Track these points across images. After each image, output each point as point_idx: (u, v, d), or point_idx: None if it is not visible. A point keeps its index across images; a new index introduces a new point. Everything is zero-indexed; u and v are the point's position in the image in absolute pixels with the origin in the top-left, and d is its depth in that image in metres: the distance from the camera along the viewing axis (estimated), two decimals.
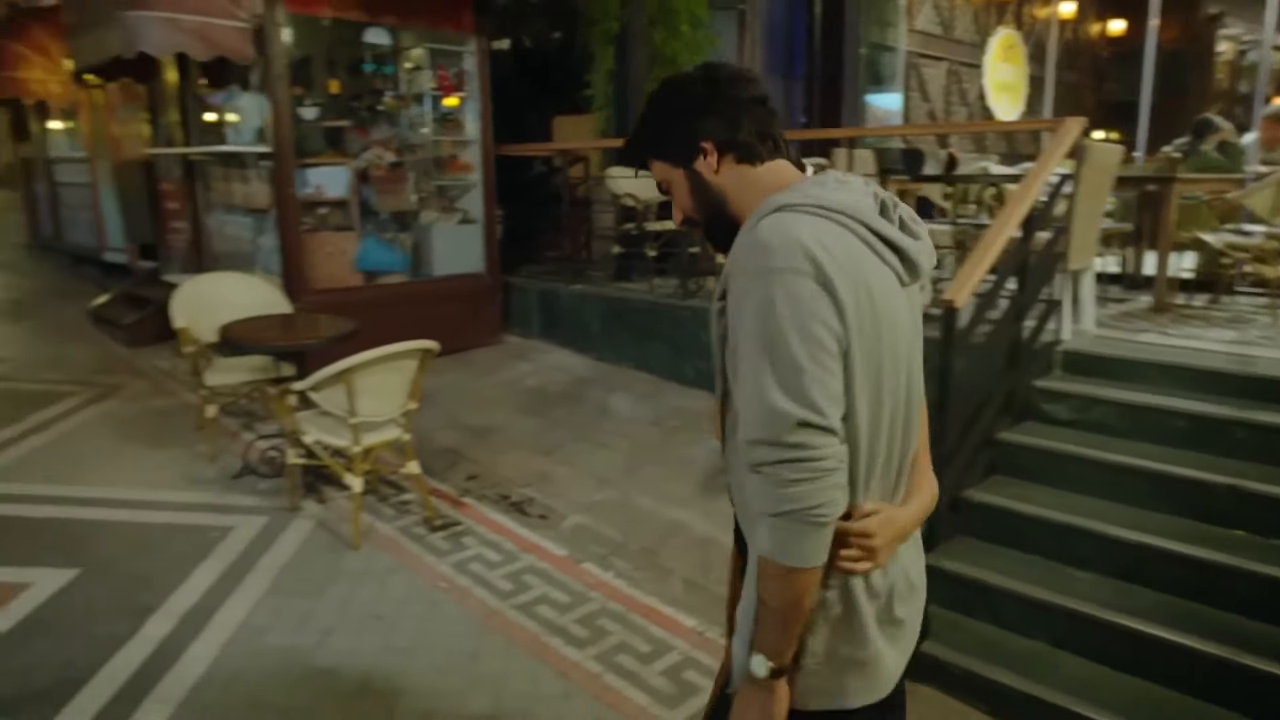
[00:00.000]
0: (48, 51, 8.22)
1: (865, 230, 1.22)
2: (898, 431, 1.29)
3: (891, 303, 1.24)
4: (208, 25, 4.99)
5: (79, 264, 10.23)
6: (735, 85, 1.34)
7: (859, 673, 1.30)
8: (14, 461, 4.55)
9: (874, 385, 1.23)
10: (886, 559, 1.29)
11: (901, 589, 1.33)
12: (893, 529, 1.29)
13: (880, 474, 1.28)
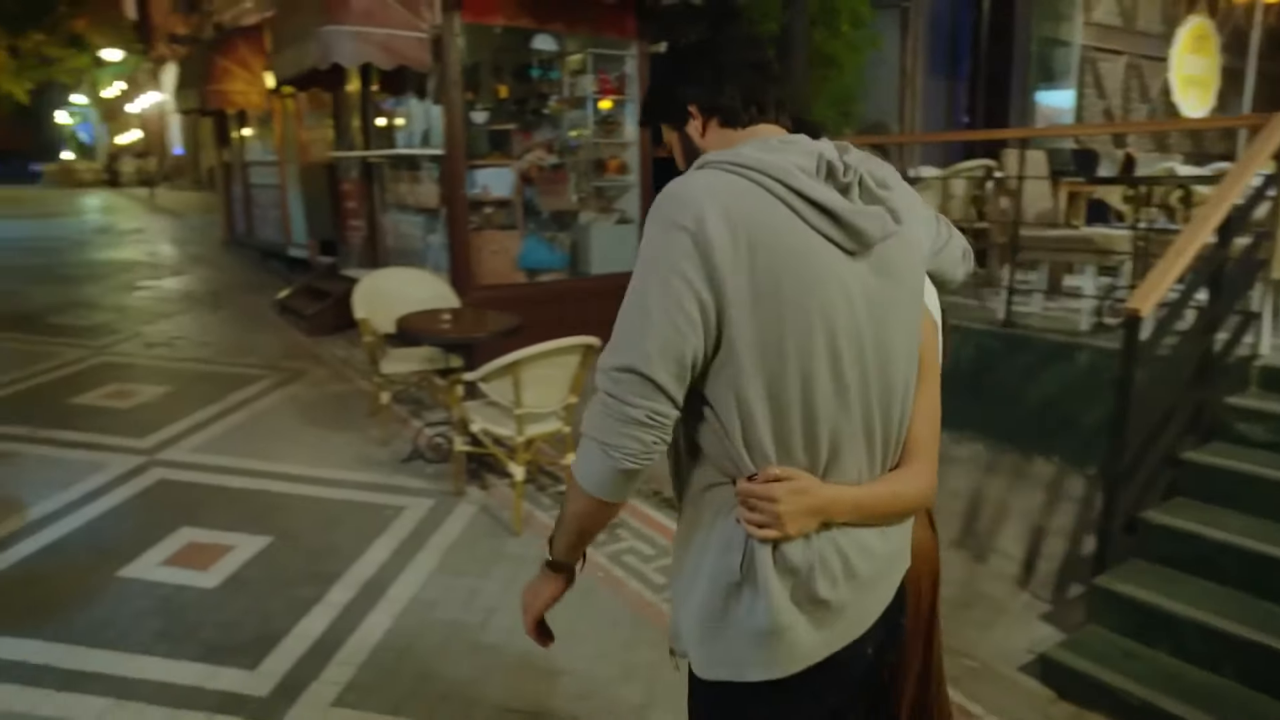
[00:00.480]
0: (249, 65, 8.98)
1: (784, 189, 1.17)
2: (831, 405, 1.21)
3: (814, 265, 1.17)
4: (392, 37, 5.33)
5: (267, 259, 11.13)
6: (722, 51, 1.32)
7: (759, 644, 1.24)
8: (216, 436, 5.01)
9: (775, 348, 1.18)
10: (798, 530, 1.22)
11: (834, 570, 1.25)
12: (805, 500, 1.21)
13: (802, 443, 1.22)
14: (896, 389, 1.28)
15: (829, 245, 1.18)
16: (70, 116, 39.64)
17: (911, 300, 1.29)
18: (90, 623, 3.12)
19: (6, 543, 3.71)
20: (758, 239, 1.15)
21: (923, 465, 1.34)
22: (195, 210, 18.73)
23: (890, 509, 1.31)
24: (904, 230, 1.25)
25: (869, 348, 1.23)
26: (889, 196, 1.23)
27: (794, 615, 1.24)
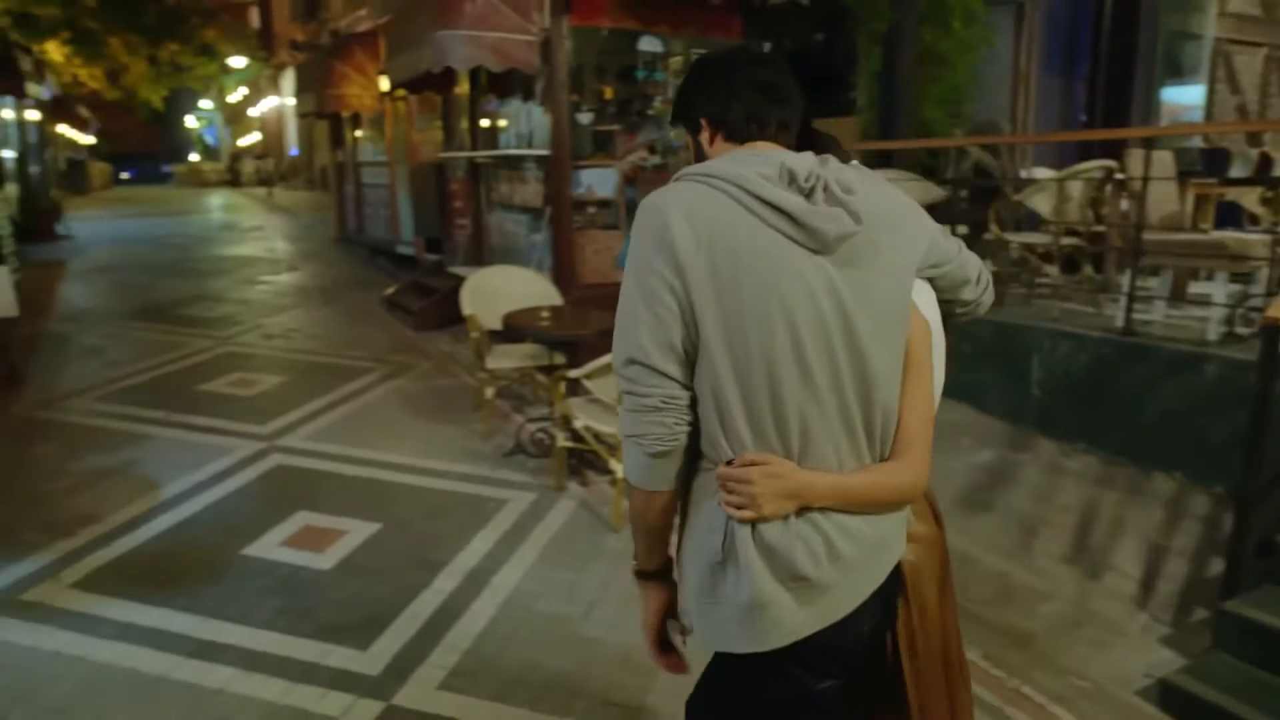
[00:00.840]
0: (364, 70, 9.35)
1: (744, 194, 1.28)
2: (798, 392, 1.29)
3: (773, 260, 1.28)
4: (504, 40, 5.47)
5: (375, 255, 11.55)
6: (735, 71, 1.43)
7: (746, 614, 1.32)
8: (329, 425, 5.24)
9: (732, 337, 1.28)
10: (773, 512, 1.29)
11: (817, 550, 1.32)
12: (779, 484, 1.29)
13: (774, 429, 1.30)
14: (877, 382, 1.34)
15: (790, 243, 1.29)
16: (197, 121, 42.02)
17: (890, 298, 1.36)
18: (218, 597, 3.31)
19: (146, 518, 3.97)
20: (717, 238, 1.27)
21: (912, 458, 1.39)
22: (308, 209, 19.57)
23: (872, 496, 1.37)
24: (871, 232, 1.31)
25: (837, 339, 1.31)
26: (850, 200, 1.30)
27: (776, 591, 1.31)
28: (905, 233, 1.42)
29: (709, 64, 1.48)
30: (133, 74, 22.44)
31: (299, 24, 26.01)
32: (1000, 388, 5.12)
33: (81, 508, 4.06)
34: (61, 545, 3.70)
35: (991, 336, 5.23)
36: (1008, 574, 3.55)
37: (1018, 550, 3.72)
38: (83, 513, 4.01)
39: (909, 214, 1.44)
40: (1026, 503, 4.13)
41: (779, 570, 1.31)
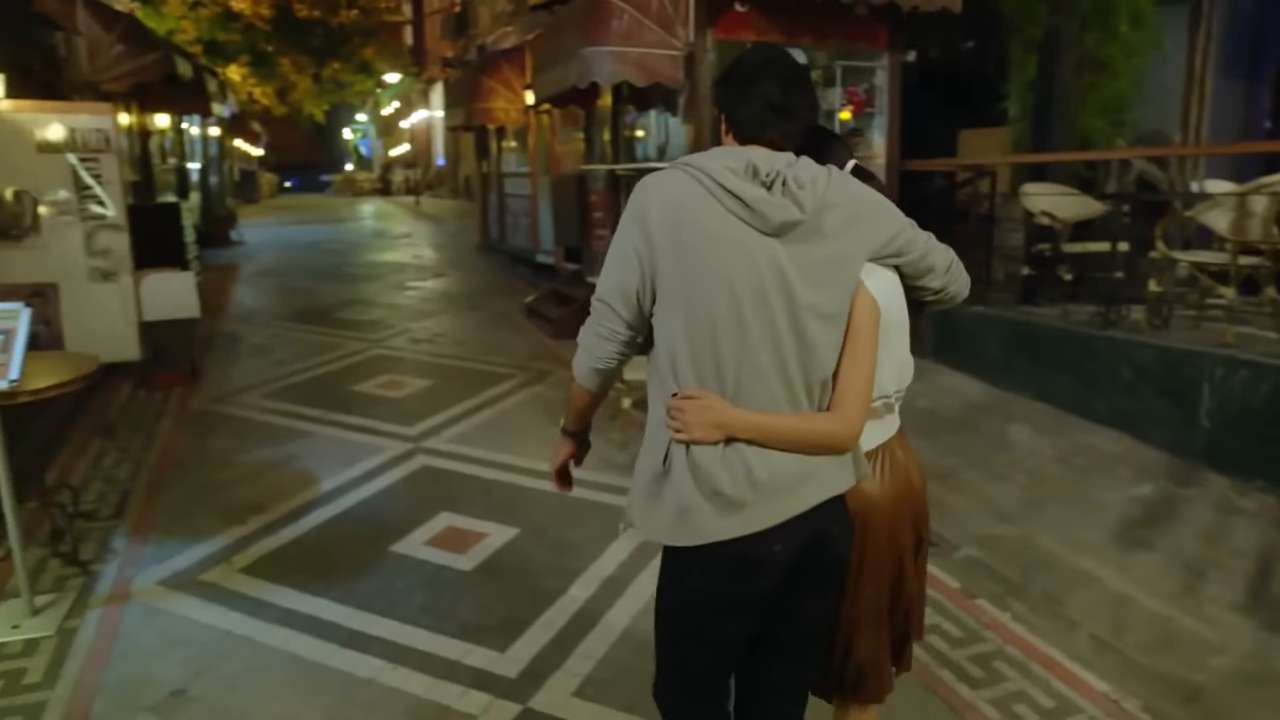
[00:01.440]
0: (511, 84, 9.69)
1: (711, 182, 1.58)
2: (734, 344, 1.58)
3: (724, 236, 1.57)
4: (648, 55, 5.55)
5: (516, 264, 11.93)
6: (754, 84, 1.65)
7: (675, 516, 1.64)
8: (471, 429, 5.44)
9: (686, 294, 1.60)
10: (703, 437, 1.59)
11: (736, 473, 1.60)
12: (709, 415, 1.58)
13: (713, 374, 1.60)
14: (814, 344, 1.62)
15: (744, 225, 1.57)
16: (353, 133, 44.68)
17: (833, 276, 1.63)
18: (369, 590, 3.49)
19: (306, 510, 4.24)
20: (684, 217, 1.59)
21: (843, 411, 1.66)
22: (453, 216, 20.43)
23: (795, 437, 1.64)
24: (819, 220, 1.58)
25: (778, 306, 1.59)
26: (801, 194, 1.57)
27: (699, 500, 1.61)
28: (859, 224, 1.66)
29: (741, 71, 1.71)
30: (299, 91, 24.10)
31: (449, 41, 27.24)
32: (1163, 416, 4.79)
33: (250, 497, 4.37)
34: (233, 531, 4.00)
35: (1154, 361, 4.90)
36: (1171, 620, 3.31)
37: (1182, 594, 3.46)
38: (252, 501, 4.32)
39: (867, 210, 1.69)
40: (1193, 543, 3.84)
41: (702, 485, 1.61)
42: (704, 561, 1.65)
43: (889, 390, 1.91)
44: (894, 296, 1.80)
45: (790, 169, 1.60)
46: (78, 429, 5.32)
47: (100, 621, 3.28)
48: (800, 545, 1.68)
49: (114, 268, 5.95)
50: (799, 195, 1.56)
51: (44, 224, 5.77)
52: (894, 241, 1.73)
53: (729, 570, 1.66)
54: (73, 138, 5.74)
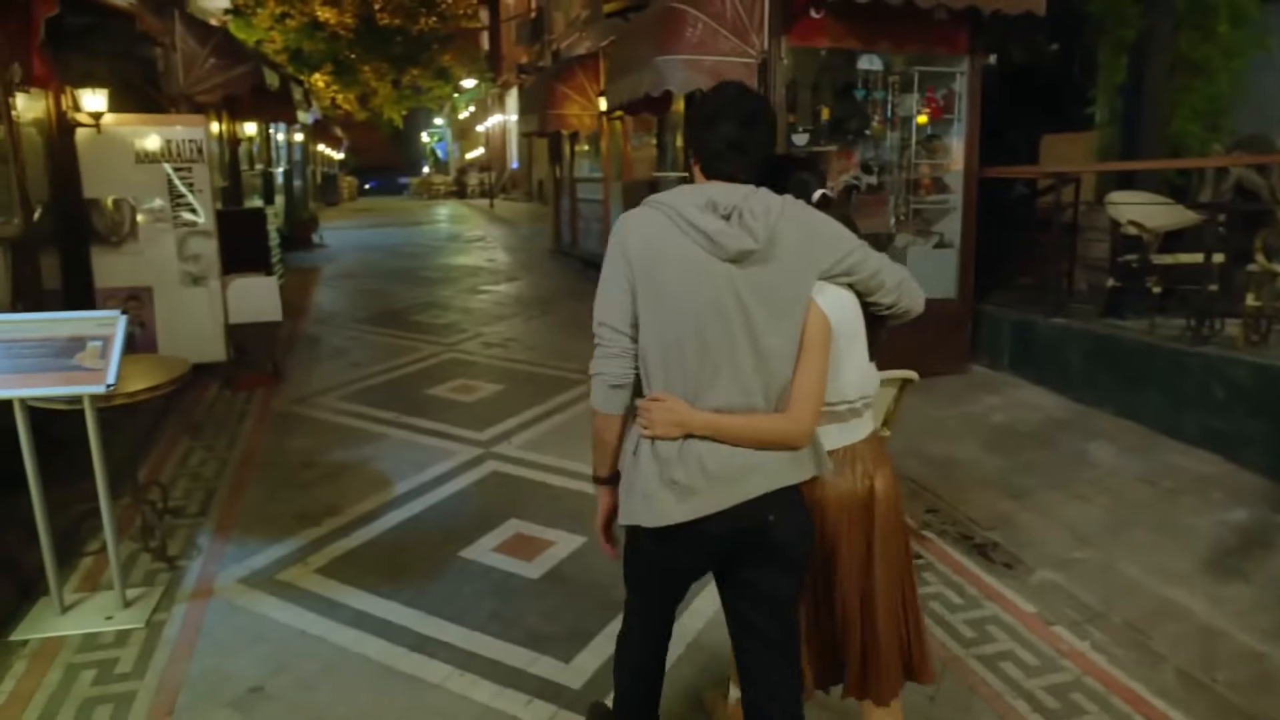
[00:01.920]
0: (584, 90, 9.77)
1: (677, 216, 1.86)
2: (694, 357, 1.86)
3: (688, 262, 1.84)
4: (721, 63, 5.53)
5: (587, 268, 12.01)
6: (717, 124, 1.92)
7: (640, 501, 1.92)
8: (541, 435, 5.49)
9: (657, 312, 1.88)
10: (664, 434, 1.87)
11: (690, 464, 1.87)
12: (671, 415, 1.86)
13: (678, 378, 1.88)
14: (768, 355, 1.88)
15: (705, 253, 1.84)
16: (430, 136, 45.66)
17: (785, 295, 1.88)
18: (438, 594, 3.55)
19: (379, 513, 4.34)
20: (654, 246, 1.88)
21: (794, 413, 1.91)
22: (526, 219, 20.70)
23: (748, 434, 1.89)
24: (772, 248, 1.84)
25: (735, 323, 1.85)
26: (755, 225, 1.82)
27: (659, 488, 1.89)
28: (809, 249, 1.91)
29: (704, 112, 1.97)
30: (379, 96, 24.71)
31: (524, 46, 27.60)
32: (1260, 438, 4.57)
33: (327, 498, 4.50)
34: (310, 532, 4.12)
35: (1251, 380, 4.68)
36: (1267, 657, 3.14)
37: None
38: (328, 503, 4.44)
39: (816, 236, 1.94)
40: None
41: (663, 474, 1.89)
42: (660, 537, 1.95)
43: (850, 396, 2.14)
44: (846, 310, 2.05)
45: (746, 201, 1.86)
46: (168, 428, 5.55)
47: (185, 616, 3.41)
48: (740, 528, 1.94)
49: (203, 272, 6.21)
50: (753, 226, 1.82)
51: (141, 230, 6.05)
52: (843, 263, 1.97)
53: (675, 544, 1.97)
54: (168, 148, 6.01)
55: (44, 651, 3.19)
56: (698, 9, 5.53)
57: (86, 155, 5.84)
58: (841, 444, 2.15)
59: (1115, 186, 6.43)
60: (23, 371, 3.13)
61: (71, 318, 3.30)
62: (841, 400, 2.12)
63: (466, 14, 26.72)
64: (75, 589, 3.64)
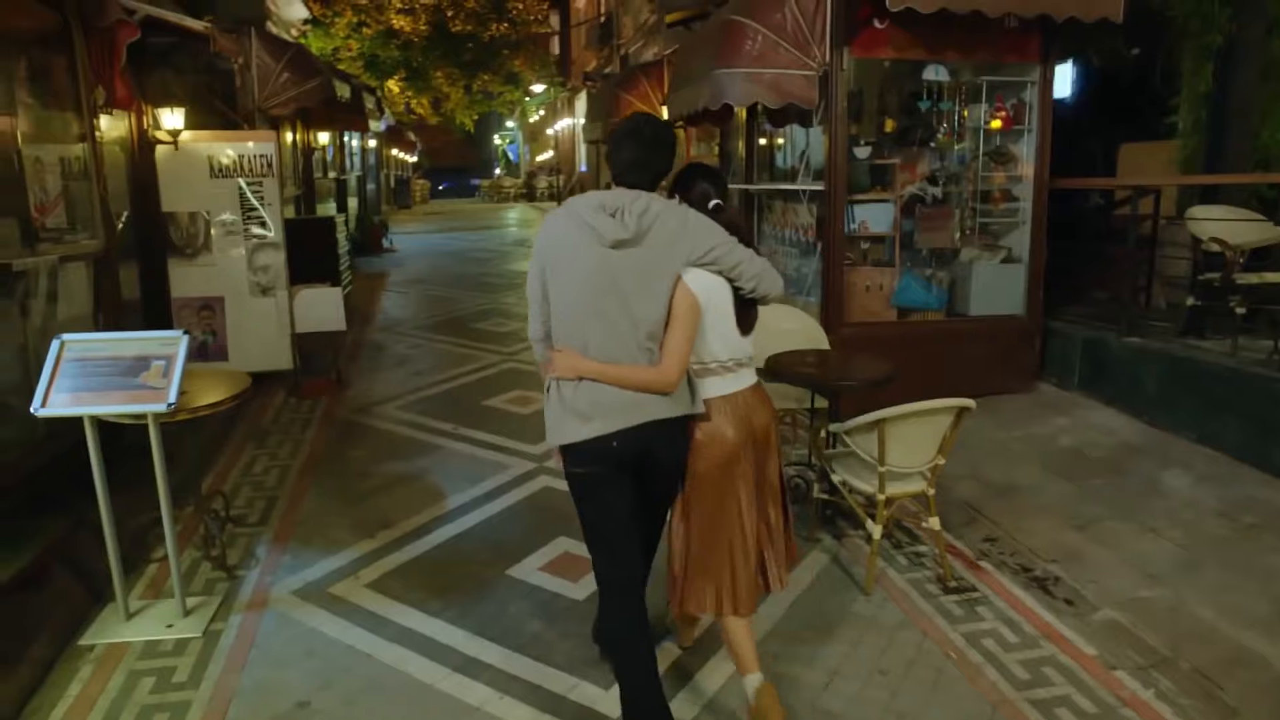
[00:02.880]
0: (649, 99, 9.76)
1: (576, 214, 2.54)
2: (600, 319, 2.52)
3: (581, 248, 2.52)
4: (781, 76, 5.44)
5: None
6: (620, 148, 2.60)
7: (556, 426, 2.62)
8: None
9: (558, 286, 2.57)
10: (564, 375, 2.57)
11: (585, 400, 2.53)
12: (568, 362, 2.54)
13: (574, 334, 2.55)
14: (640, 320, 2.51)
15: (592, 241, 2.50)
16: (502, 139, 46.35)
17: (653, 274, 2.51)
18: (483, 614, 3.58)
19: (431, 527, 4.40)
20: (558, 238, 2.58)
21: (663, 366, 2.54)
22: None
23: (626, 380, 2.53)
24: (643, 238, 2.50)
25: (612, 293, 2.50)
26: (629, 221, 2.48)
27: (565, 415, 2.58)
28: (677, 242, 2.55)
29: (614, 137, 2.65)
30: (452, 101, 25.17)
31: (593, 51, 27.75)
32: None
33: (381, 511, 4.58)
34: (362, 545, 4.19)
35: None
36: None
37: None
38: (382, 515, 4.52)
39: (686, 231, 2.57)
40: None
41: (565, 405, 2.58)
42: (575, 453, 2.62)
43: (721, 357, 2.75)
44: (713, 292, 2.66)
45: (631, 204, 2.53)
46: (236, 434, 5.73)
47: (240, 627, 3.51)
48: (634, 448, 2.58)
49: (272, 283, 6.39)
50: (628, 221, 2.50)
51: (214, 242, 6.26)
52: (709, 254, 2.61)
53: (588, 458, 2.61)
54: (241, 163, 6.20)
55: (109, 657, 3.32)
56: (758, 21, 5.45)
57: (165, 170, 6.07)
58: (722, 393, 2.75)
59: (1198, 199, 6.14)
60: (93, 390, 3.26)
61: (138, 337, 3.42)
62: (713, 360, 2.74)
63: (537, 19, 27.01)
64: (141, 595, 3.79)
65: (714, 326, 2.69)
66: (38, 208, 4.38)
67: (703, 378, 2.72)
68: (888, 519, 3.80)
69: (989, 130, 6.16)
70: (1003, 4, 5.20)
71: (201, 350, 6.34)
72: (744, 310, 2.74)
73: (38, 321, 4.60)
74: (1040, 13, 5.27)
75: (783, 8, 5.45)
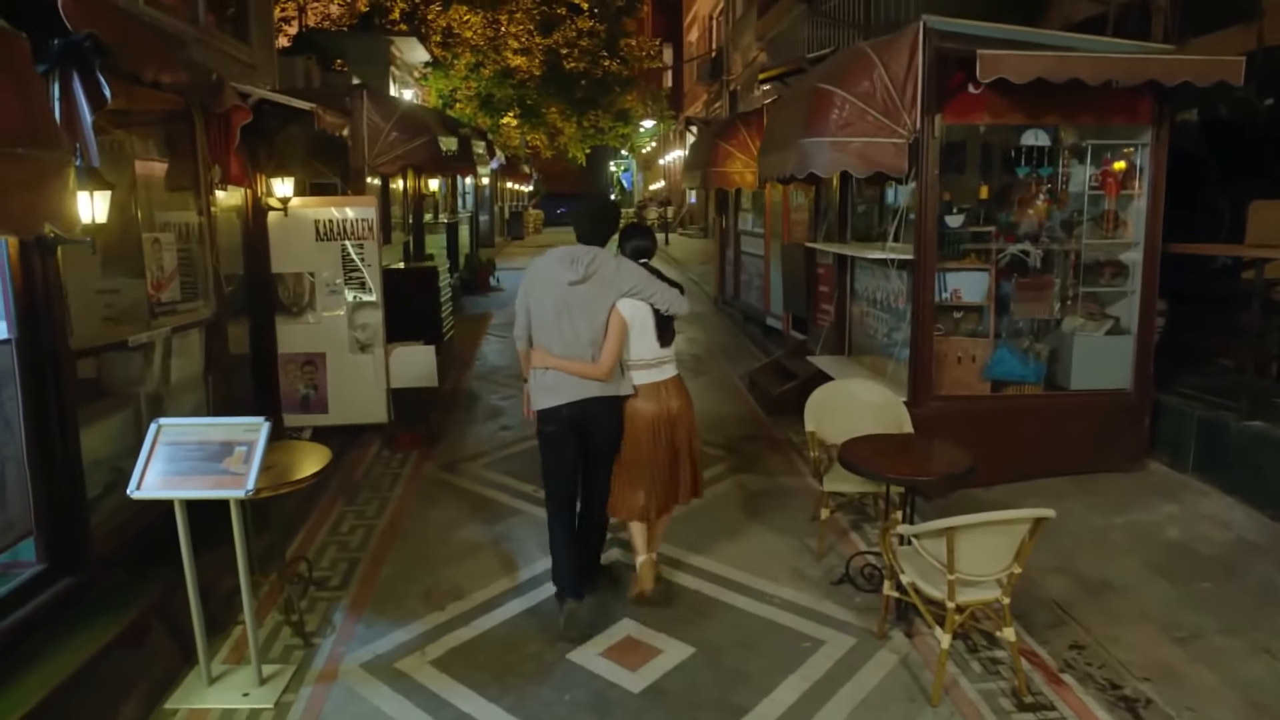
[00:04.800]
0: (747, 148, 9.73)
1: (551, 261, 4.07)
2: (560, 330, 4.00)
3: (553, 284, 4.01)
4: (869, 145, 5.32)
5: (747, 321, 11.93)
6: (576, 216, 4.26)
7: (533, 397, 4.13)
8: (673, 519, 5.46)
9: (535, 307, 4.08)
10: (538, 365, 4.06)
11: (550, 380, 4.04)
12: (540, 357, 4.05)
13: (543, 339, 4.06)
14: (585, 331, 3.96)
15: (559, 280, 3.98)
16: (616, 166, 47.29)
17: (595, 303, 3.97)
18: (539, 700, 3.60)
19: (500, 600, 4.47)
20: (537, 275, 4.11)
21: (600, 362, 3.98)
22: (698, 259, 20.84)
23: (575, 370, 3.98)
24: (590, 280, 3.96)
25: (568, 314, 3.97)
26: (579, 268, 3.95)
27: (538, 391, 4.08)
28: (613, 282, 3.98)
29: (576, 209, 4.28)
30: (565, 135, 25.83)
31: (704, 85, 27.93)
32: None
33: (455, 580, 4.68)
34: (433, 618, 4.29)
35: None
36: None
37: None
38: (454, 585, 4.62)
39: (619, 275, 4.01)
40: None
41: (538, 384, 4.07)
42: (542, 416, 4.10)
43: (645, 356, 4.16)
44: (638, 313, 4.08)
45: (584, 255, 3.99)
46: (330, 487, 5.98)
47: (309, 701, 3.64)
48: (578, 414, 4.02)
49: (370, 340, 6.67)
50: (578, 269, 3.94)
51: (318, 301, 6.59)
52: (632, 289, 4.02)
53: (550, 420, 4.07)
54: (344, 227, 6.53)
55: None
56: (845, 89, 5.36)
57: (275, 234, 6.45)
58: (646, 381, 4.19)
59: None
60: (182, 474, 3.48)
61: (224, 423, 3.63)
62: (638, 358, 4.17)
63: (649, 55, 27.45)
64: (225, 658, 3.99)
65: (639, 337, 4.13)
66: (154, 284, 4.72)
67: (633, 369, 4.17)
68: (959, 624, 3.63)
69: (1094, 194, 5.85)
70: (1105, 71, 4.96)
71: (304, 403, 6.68)
72: (663, 325, 4.18)
73: (151, 387, 4.95)
74: (1147, 79, 4.99)
75: (871, 75, 5.35)
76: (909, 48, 5.34)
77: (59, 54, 3.31)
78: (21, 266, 3.59)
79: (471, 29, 20.14)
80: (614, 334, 3.98)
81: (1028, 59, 4.96)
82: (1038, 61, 4.94)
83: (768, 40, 19.63)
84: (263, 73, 9.40)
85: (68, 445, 3.86)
